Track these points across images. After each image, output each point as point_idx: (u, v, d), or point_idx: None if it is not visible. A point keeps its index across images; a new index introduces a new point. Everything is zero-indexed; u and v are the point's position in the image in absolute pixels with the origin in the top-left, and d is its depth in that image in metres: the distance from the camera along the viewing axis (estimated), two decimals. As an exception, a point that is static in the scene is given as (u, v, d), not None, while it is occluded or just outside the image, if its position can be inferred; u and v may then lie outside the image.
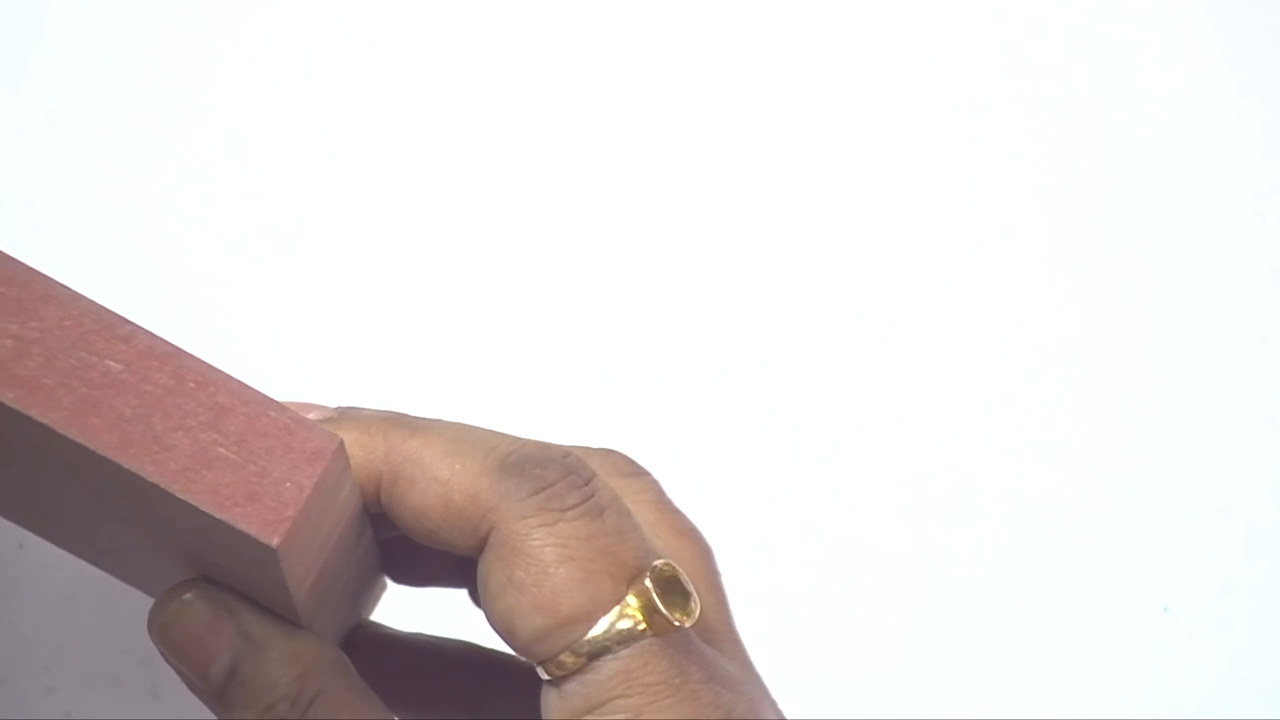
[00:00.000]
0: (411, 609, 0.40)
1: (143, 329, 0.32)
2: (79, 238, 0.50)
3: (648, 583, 0.32)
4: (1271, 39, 0.57)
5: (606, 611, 0.32)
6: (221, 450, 0.31)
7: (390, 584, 0.40)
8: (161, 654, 0.34)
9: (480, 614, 0.34)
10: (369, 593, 0.40)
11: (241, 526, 0.31)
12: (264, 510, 0.31)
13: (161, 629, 0.34)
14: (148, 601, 0.48)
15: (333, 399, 0.36)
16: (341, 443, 0.32)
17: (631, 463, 0.37)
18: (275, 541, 0.31)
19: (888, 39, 0.56)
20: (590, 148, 0.54)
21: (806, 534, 0.51)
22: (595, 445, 0.37)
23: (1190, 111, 0.56)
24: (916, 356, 0.53)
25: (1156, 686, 0.51)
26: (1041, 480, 0.52)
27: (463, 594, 0.38)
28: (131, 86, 0.52)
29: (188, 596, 0.34)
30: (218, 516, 0.31)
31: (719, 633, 0.35)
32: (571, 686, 0.32)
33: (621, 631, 0.32)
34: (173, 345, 0.32)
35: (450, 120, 0.53)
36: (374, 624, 0.41)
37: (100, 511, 0.35)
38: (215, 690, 0.34)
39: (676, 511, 0.36)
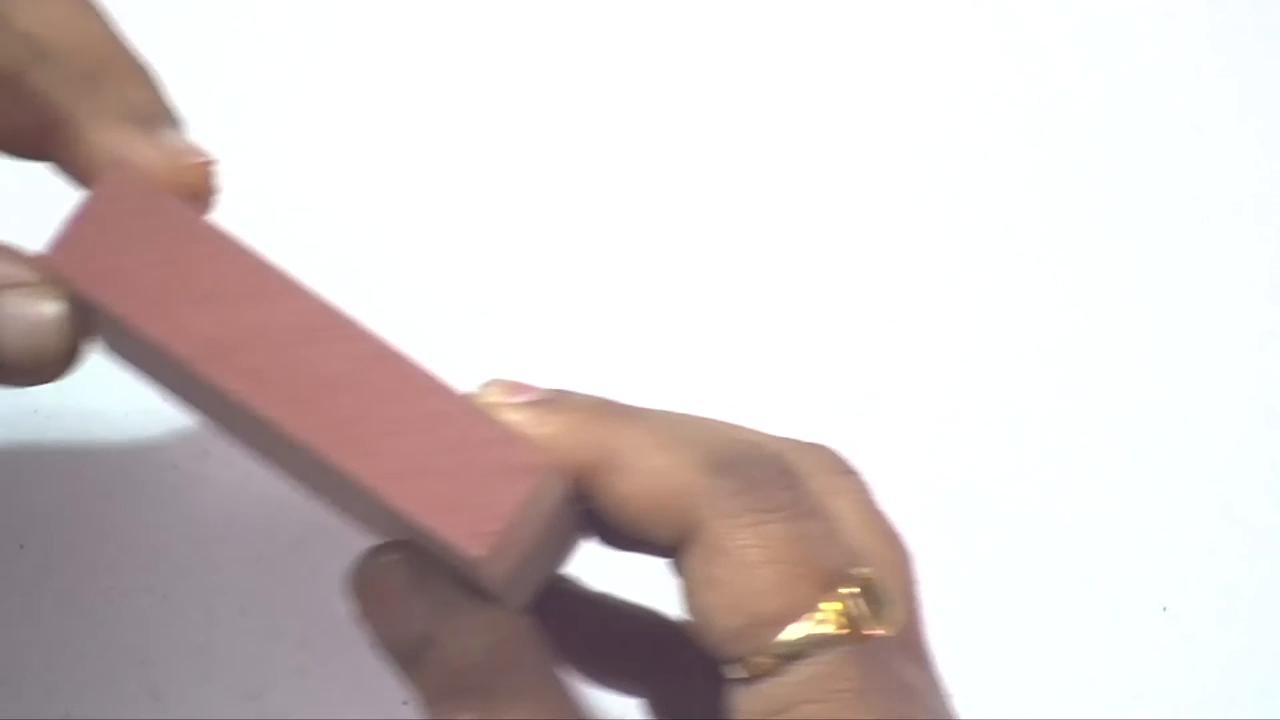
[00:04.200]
0: (605, 568, 0.40)
1: (369, 331, 0.32)
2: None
3: (848, 590, 0.32)
4: (1271, 39, 0.57)
5: (804, 616, 0.32)
6: (435, 458, 0.32)
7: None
8: (355, 613, 0.35)
9: (674, 584, 0.34)
10: (565, 551, 0.40)
11: (447, 536, 0.31)
12: (471, 522, 0.31)
13: (360, 589, 0.35)
14: (148, 605, 0.48)
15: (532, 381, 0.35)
16: (551, 461, 0.32)
17: (842, 460, 0.36)
18: (479, 554, 0.31)
19: (903, 45, 0.56)
20: (590, 155, 0.54)
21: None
22: (807, 440, 0.36)
23: (1190, 112, 0.56)
24: (916, 357, 0.53)
25: (1156, 686, 0.51)
26: (1041, 480, 0.52)
27: (660, 562, 0.37)
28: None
29: (388, 559, 0.34)
30: (425, 524, 0.31)
31: (910, 642, 0.35)
32: (762, 687, 0.32)
33: (817, 637, 0.32)
34: (397, 350, 0.32)
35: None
36: (567, 578, 0.41)
37: (320, 472, 0.35)
38: (406, 654, 0.34)
39: (881, 514, 0.36)
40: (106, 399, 0.49)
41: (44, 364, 0.35)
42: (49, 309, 0.34)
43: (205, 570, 0.48)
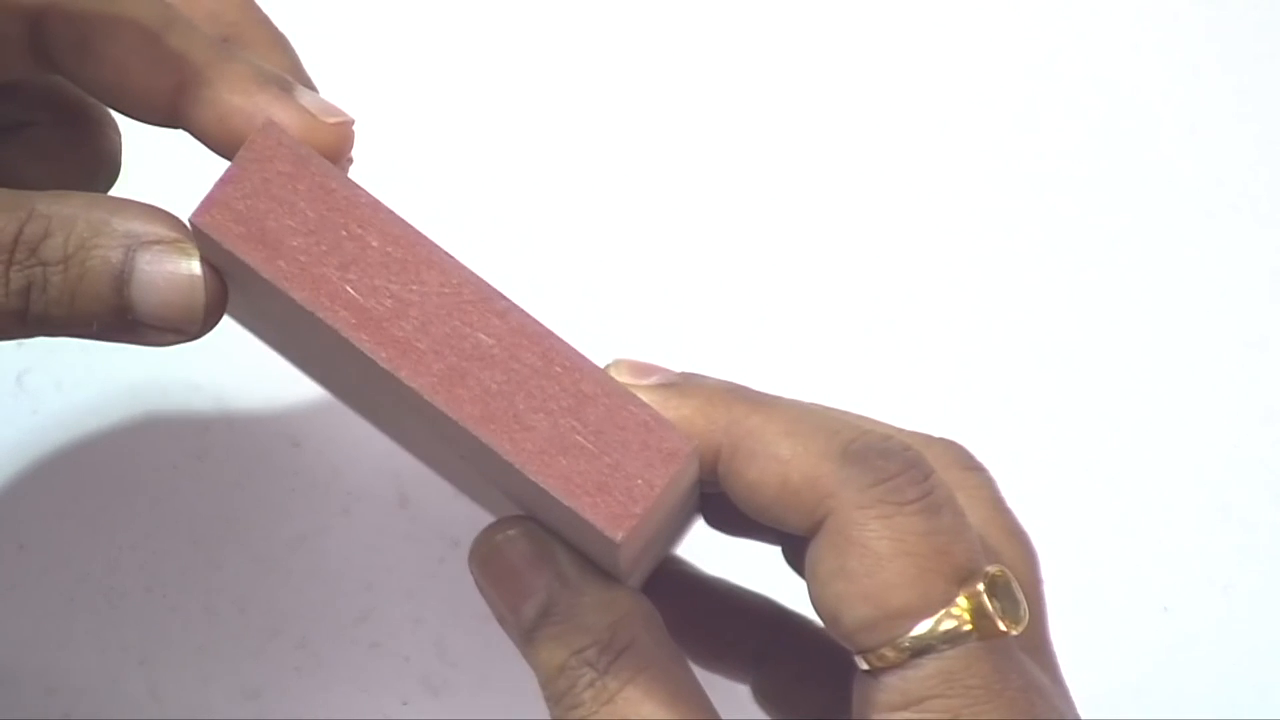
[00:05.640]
0: (718, 552, 0.40)
1: (518, 306, 0.32)
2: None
3: (979, 586, 0.32)
4: (1271, 39, 0.57)
5: (935, 610, 0.31)
6: (579, 438, 0.31)
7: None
8: (477, 585, 0.35)
9: (787, 572, 0.34)
10: (681, 533, 0.40)
11: (588, 516, 0.31)
12: (612, 504, 0.31)
13: (482, 560, 0.34)
14: (148, 605, 0.48)
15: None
16: (696, 446, 0.32)
17: (971, 457, 0.36)
18: (619, 537, 0.31)
19: (905, 45, 0.56)
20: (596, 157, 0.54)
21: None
22: (936, 435, 0.36)
23: (1190, 112, 0.56)
24: (916, 357, 0.53)
25: (1156, 686, 0.51)
26: (1041, 480, 0.52)
27: (773, 549, 0.37)
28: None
29: (512, 533, 0.34)
30: (566, 503, 0.31)
31: (1036, 642, 0.35)
32: (890, 680, 0.32)
33: (947, 632, 0.31)
34: (544, 327, 0.32)
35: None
36: (679, 559, 0.41)
37: (444, 444, 0.35)
38: (526, 627, 0.34)
39: (1009, 512, 0.36)
40: (106, 399, 0.49)
41: (182, 321, 0.35)
42: (188, 266, 0.34)
43: (205, 570, 0.48)
